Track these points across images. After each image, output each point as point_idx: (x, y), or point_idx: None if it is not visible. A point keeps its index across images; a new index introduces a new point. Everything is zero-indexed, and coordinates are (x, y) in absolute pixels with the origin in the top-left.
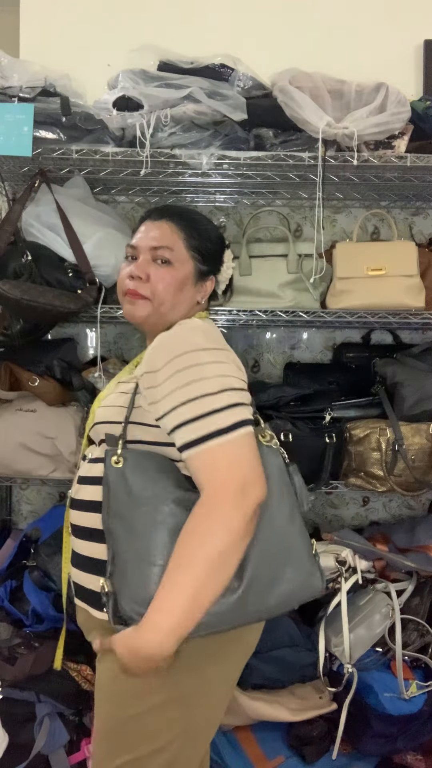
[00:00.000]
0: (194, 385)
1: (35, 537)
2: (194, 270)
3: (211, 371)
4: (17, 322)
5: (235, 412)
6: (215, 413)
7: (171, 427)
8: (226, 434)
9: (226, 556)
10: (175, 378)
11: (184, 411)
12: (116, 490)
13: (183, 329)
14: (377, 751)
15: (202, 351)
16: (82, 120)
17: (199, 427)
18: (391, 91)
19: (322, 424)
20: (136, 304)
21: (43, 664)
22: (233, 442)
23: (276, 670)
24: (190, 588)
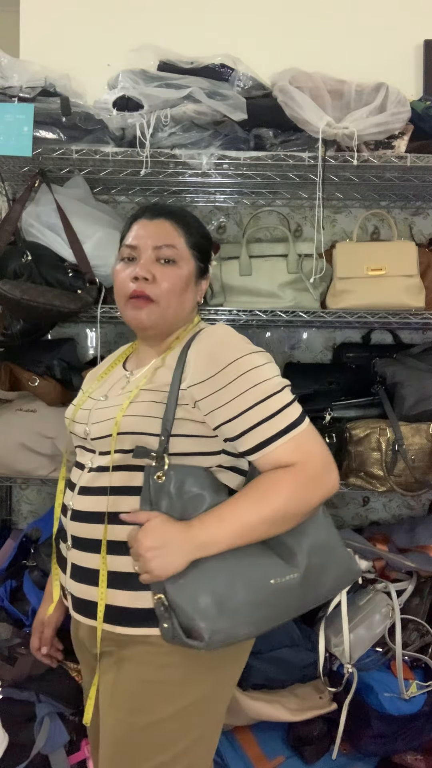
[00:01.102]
0: (259, 387)
1: (35, 537)
2: (195, 269)
3: (268, 372)
4: (17, 322)
5: (297, 406)
6: (286, 407)
7: (240, 431)
8: (302, 423)
9: (291, 517)
10: (236, 383)
11: (255, 413)
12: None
13: (221, 334)
14: (377, 751)
15: (253, 354)
16: (82, 120)
17: (276, 423)
18: (391, 91)
19: (322, 424)
20: (142, 309)
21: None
22: (309, 430)
23: (276, 670)
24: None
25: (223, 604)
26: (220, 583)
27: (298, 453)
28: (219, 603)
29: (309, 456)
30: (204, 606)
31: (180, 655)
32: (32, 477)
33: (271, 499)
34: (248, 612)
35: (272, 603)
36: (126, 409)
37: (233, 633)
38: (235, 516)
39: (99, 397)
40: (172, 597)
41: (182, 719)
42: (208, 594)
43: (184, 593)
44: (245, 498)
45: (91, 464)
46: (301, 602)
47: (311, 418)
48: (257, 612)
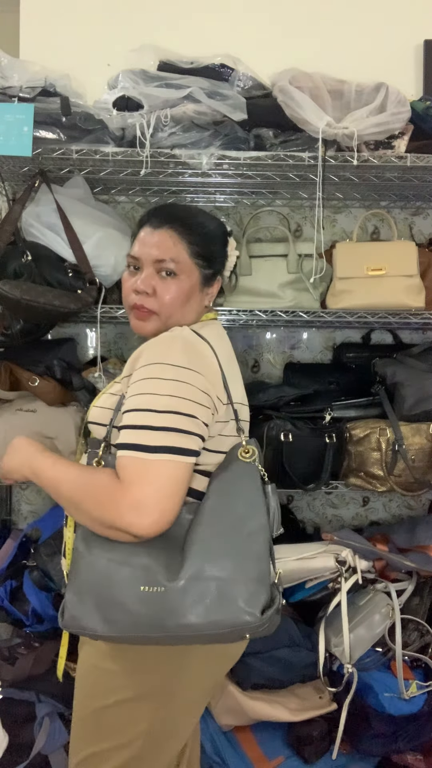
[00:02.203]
0: (145, 397)
1: (35, 537)
2: (200, 277)
3: (164, 388)
4: (17, 322)
5: (168, 437)
6: (149, 429)
7: (120, 425)
8: (148, 452)
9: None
10: (136, 385)
11: (129, 416)
12: None
13: (163, 338)
14: (377, 751)
15: (167, 366)
16: (82, 120)
17: (130, 435)
18: (391, 91)
19: (322, 424)
20: (145, 321)
21: (43, 664)
22: (151, 462)
23: (276, 670)
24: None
25: (92, 594)
26: (100, 572)
27: (124, 473)
28: (91, 592)
29: (130, 480)
30: (78, 589)
31: (129, 646)
32: None
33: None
34: (109, 611)
35: (135, 610)
36: (97, 400)
37: (87, 625)
38: (61, 473)
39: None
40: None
41: (127, 710)
42: (87, 579)
43: (75, 571)
44: (79, 470)
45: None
46: (172, 622)
47: (311, 418)
48: (118, 614)
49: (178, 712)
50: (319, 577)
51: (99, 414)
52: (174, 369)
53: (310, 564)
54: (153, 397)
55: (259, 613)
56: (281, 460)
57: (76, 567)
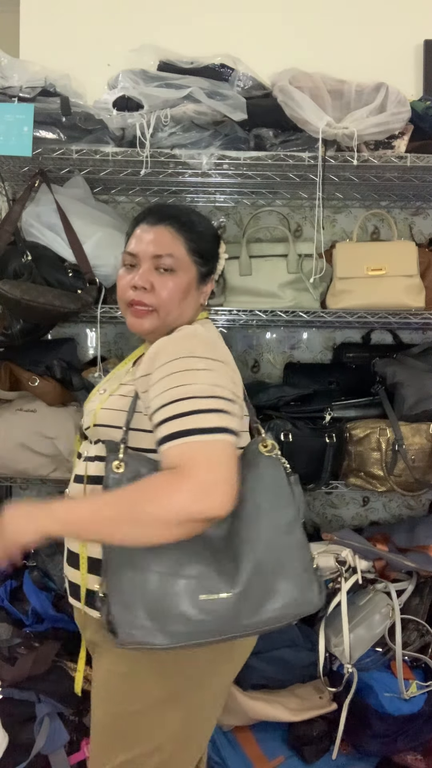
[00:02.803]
0: (185, 387)
1: None
2: (197, 274)
3: (202, 377)
4: (17, 322)
5: (218, 417)
6: (200, 413)
7: (155, 423)
8: (206, 434)
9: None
10: (167, 380)
11: (170, 409)
12: None
13: (181, 335)
14: (377, 751)
15: (196, 358)
16: (82, 120)
17: (181, 423)
18: (391, 91)
19: (322, 424)
20: (143, 318)
21: (43, 664)
22: (211, 443)
23: (276, 670)
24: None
25: (145, 608)
26: (151, 585)
27: (184, 458)
28: (143, 606)
29: (190, 465)
30: (127, 604)
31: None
32: (32, 477)
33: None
34: (168, 622)
35: (197, 619)
36: (104, 401)
37: (146, 640)
38: (95, 501)
39: (101, 390)
40: (109, 587)
41: (158, 713)
42: (135, 593)
43: (118, 586)
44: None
45: (85, 453)
46: (235, 624)
47: (311, 418)
48: (177, 625)
49: (203, 712)
50: None
51: (108, 416)
52: (203, 360)
53: None
54: (192, 386)
55: (318, 596)
56: None
57: (119, 584)
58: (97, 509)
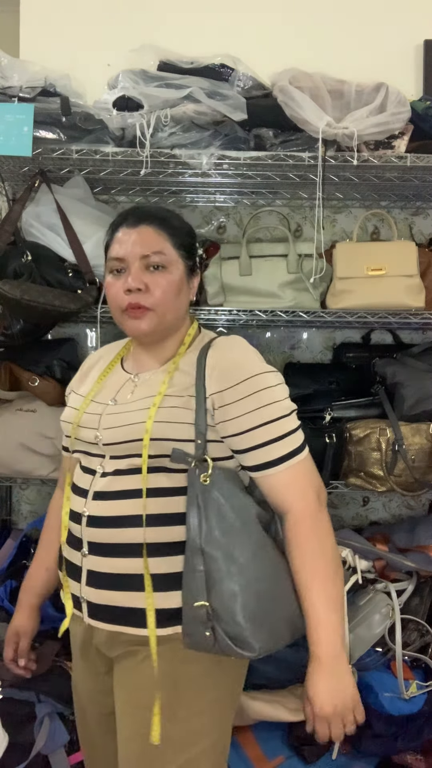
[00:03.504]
0: (270, 407)
1: (35, 537)
2: (185, 269)
3: (280, 394)
4: (17, 322)
5: (301, 433)
6: (292, 433)
7: (246, 446)
8: (300, 453)
9: (337, 552)
10: (249, 400)
11: (263, 432)
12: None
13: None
14: (377, 751)
15: (269, 373)
16: (82, 120)
17: (280, 447)
18: (391, 91)
19: (322, 424)
20: (141, 319)
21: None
22: (307, 458)
23: (276, 670)
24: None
25: (266, 617)
26: (265, 596)
27: (293, 488)
28: (264, 615)
29: (303, 492)
30: (251, 616)
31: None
32: (32, 477)
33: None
34: (285, 626)
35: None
36: (154, 415)
37: (275, 646)
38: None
39: (107, 401)
40: (216, 605)
41: (206, 715)
42: (254, 604)
43: (232, 602)
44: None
45: (104, 469)
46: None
47: (311, 418)
48: (290, 626)
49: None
50: None
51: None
52: (273, 375)
53: None
54: (275, 406)
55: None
56: None
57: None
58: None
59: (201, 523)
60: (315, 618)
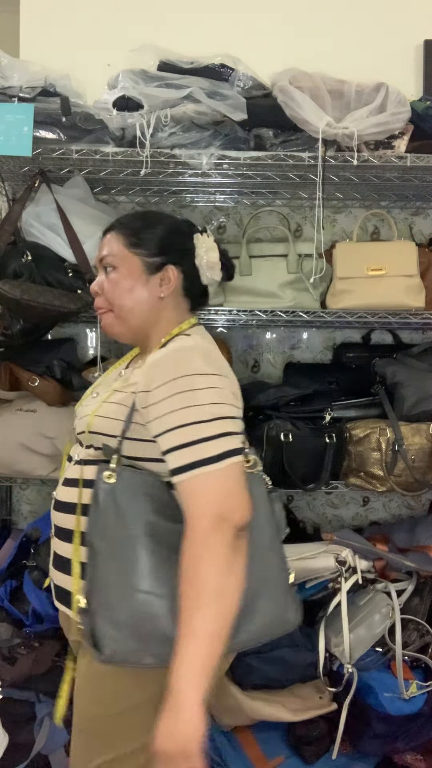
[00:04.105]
0: (188, 410)
1: (35, 537)
2: (140, 264)
3: (205, 398)
4: (17, 322)
5: (224, 442)
6: (205, 441)
7: (163, 450)
8: (213, 463)
9: (225, 581)
10: (169, 401)
11: (175, 436)
12: (105, 507)
13: (182, 349)
14: (377, 751)
15: (198, 375)
16: (82, 120)
17: (188, 454)
18: (391, 91)
19: (322, 424)
20: (103, 319)
21: (43, 664)
22: (219, 471)
23: (276, 670)
24: (205, 635)
25: (132, 628)
26: (138, 605)
27: (191, 500)
28: (131, 625)
29: (198, 506)
30: (116, 623)
31: None
32: (32, 477)
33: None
34: (152, 643)
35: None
36: (98, 408)
37: (132, 660)
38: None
39: (93, 394)
40: (97, 602)
41: (140, 714)
42: (124, 612)
43: (107, 603)
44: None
45: (76, 457)
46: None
47: (311, 418)
48: (161, 646)
49: None
50: (319, 577)
51: (103, 424)
52: (205, 377)
53: (310, 564)
54: (196, 409)
55: (295, 614)
56: (281, 460)
57: (108, 601)
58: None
59: (93, 517)
60: (174, 647)
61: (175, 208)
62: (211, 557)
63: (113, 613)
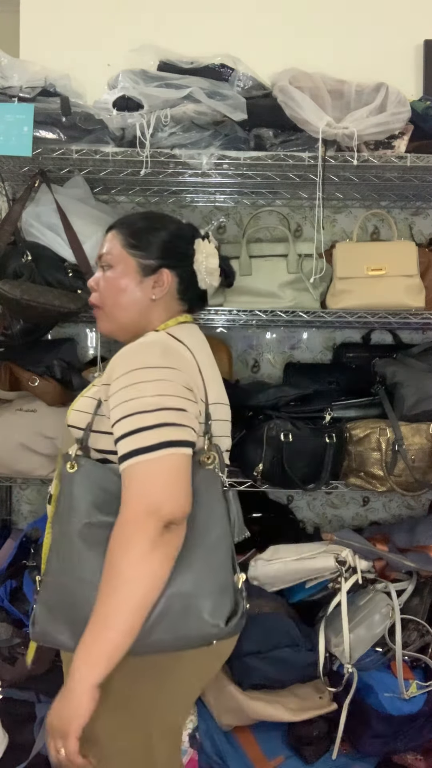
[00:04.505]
0: (132, 402)
1: (35, 537)
2: (136, 266)
3: (149, 390)
4: (17, 322)
5: (164, 432)
6: (144, 430)
7: (114, 440)
8: (149, 452)
9: (137, 571)
10: (122, 392)
11: (122, 425)
12: (65, 495)
13: (141, 344)
14: (377, 751)
15: (149, 369)
16: (82, 120)
17: (129, 443)
18: (391, 91)
19: (322, 424)
20: (97, 315)
21: (43, 664)
22: (154, 462)
23: (276, 670)
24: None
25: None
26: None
27: (126, 486)
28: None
29: (127, 496)
30: (50, 606)
31: None
32: (32, 477)
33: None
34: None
35: None
36: (76, 403)
37: (54, 639)
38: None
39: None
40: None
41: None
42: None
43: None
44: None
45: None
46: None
47: (311, 418)
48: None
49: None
50: (319, 577)
51: (77, 418)
52: (155, 370)
53: (310, 564)
54: (140, 401)
55: (224, 623)
56: (281, 460)
57: (45, 582)
58: (99, 623)
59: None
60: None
61: (175, 208)
62: (126, 547)
63: (46, 594)
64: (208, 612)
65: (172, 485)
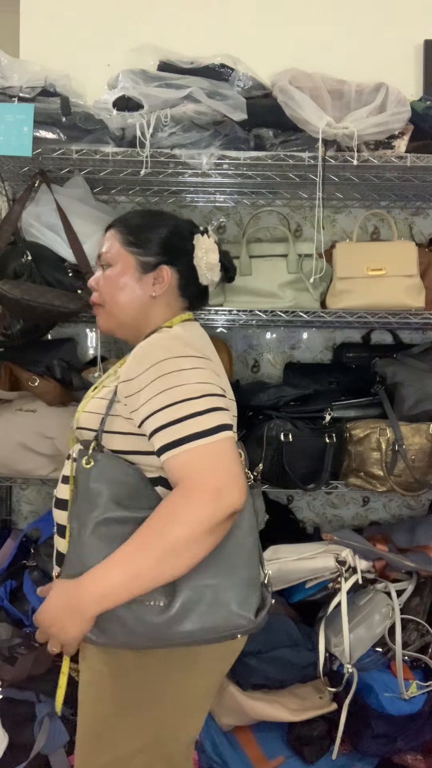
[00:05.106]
0: (175, 389)
1: (35, 537)
2: (134, 263)
3: (191, 377)
4: (17, 322)
5: (215, 416)
6: (196, 416)
7: (150, 430)
8: (206, 437)
9: (183, 546)
10: (155, 383)
11: (164, 414)
12: (81, 490)
13: (162, 337)
14: (377, 751)
15: (181, 358)
16: (82, 120)
17: (179, 429)
18: (391, 91)
19: (322, 424)
20: (97, 315)
21: (43, 664)
22: (213, 445)
23: (276, 670)
24: (135, 567)
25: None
26: None
27: (185, 471)
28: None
29: (194, 478)
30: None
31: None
32: (32, 477)
33: (153, 536)
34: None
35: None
36: (85, 405)
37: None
38: (121, 562)
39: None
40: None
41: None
42: None
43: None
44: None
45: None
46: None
47: (311, 418)
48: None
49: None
50: (319, 577)
51: (88, 419)
52: (188, 359)
53: (310, 564)
54: (184, 388)
55: (253, 615)
56: (281, 460)
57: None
58: (127, 562)
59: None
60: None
61: (175, 208)
62: (189, 522)
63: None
64: (237, 604)
65: (234, 469)
